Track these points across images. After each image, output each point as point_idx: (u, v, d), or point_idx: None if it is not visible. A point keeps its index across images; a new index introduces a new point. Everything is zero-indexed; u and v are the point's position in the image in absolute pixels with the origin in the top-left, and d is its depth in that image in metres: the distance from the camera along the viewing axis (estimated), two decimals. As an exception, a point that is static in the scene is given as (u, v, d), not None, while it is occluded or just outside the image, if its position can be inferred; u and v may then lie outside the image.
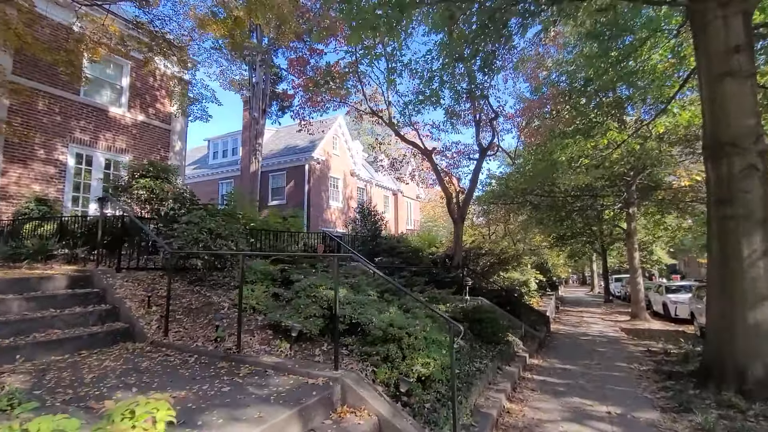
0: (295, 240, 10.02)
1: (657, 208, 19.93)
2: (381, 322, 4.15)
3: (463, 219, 12.49)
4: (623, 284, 29.74)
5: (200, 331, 4.64)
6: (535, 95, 16.00)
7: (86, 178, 11.02)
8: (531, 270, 13.88)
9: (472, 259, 13.35)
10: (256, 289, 5.51)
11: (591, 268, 40.67)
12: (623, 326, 13.84)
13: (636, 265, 15.56)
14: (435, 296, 6.67)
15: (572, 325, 13.76)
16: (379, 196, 28.87)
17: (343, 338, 4.31)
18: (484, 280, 12.93)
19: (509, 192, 18.62)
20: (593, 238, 23.93)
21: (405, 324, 4.18)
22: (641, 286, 15.46)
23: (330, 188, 22.69)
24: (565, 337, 11.22)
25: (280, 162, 21.55)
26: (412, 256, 12.84)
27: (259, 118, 15.33)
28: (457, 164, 16.78)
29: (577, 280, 68.37)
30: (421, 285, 8.23)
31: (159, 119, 13.04)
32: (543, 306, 13.81)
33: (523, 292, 12.49)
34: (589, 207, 18.60)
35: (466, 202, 12.64)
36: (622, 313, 18.27)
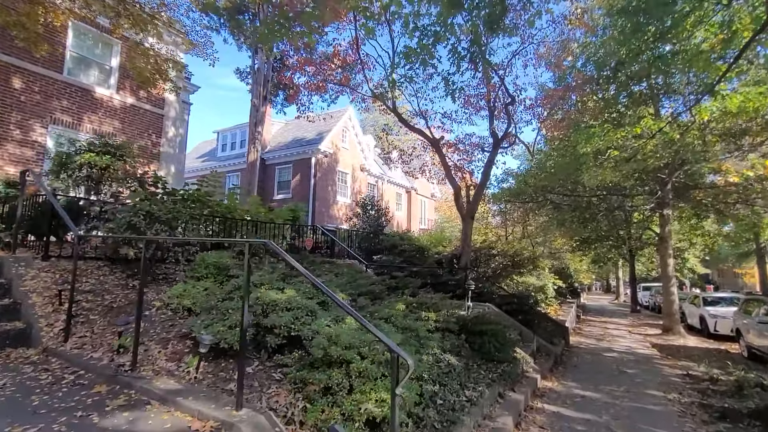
0: (281, 233, 9.02)
1: (694, 211, 18.05)
2: (323, 338, 3.03)
3: (473, 216, 11.23)
4: (652, 293, 27.57)
5: (109, 337, 3.66)
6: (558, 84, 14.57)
7: (67, 161, 10.35)
8: (549, 274, 12.45)
9: (482, 261, 12.06)
10: (199, 285, 4.50)
11: (616, 274, 38.31)
12: (654, 341, 12.24)
13: (670, 272, 13.87)
14: (424, 302, 5.51)
15: (595, 338, 12.26)
16: (392, 193, 27.75)
17: (280, 356, 3.22)
18: (495, 284, 11.63)
19: (528, 190, 17.16)
20: (620, 242, 22.08)
21: (356, 342, 3.05)
22: (675, 296, 13.76)
23: (338, 183, 21.74)
24: (587, 352, 9.80)
25: (287, 154, 20.75)
26: (415, 255, 11.67)
27: (259, 105, 14.49)
28: (470, 158, 15.47)
29: (600, 288, 65.24)
30: (413, 287, 7.07)
31: (151, 103, 12.35)
32: (562, 315, 12.38)
33: (539, 299, 11.12)
34: (617, 208, 16.91)
35: (476, 197, 11.37)
36: (652, 325, 16.50)
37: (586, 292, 48.49)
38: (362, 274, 7.34)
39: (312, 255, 8.59)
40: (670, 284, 13.82)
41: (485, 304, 8.84)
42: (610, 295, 47.17)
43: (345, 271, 6.91)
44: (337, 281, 5.50)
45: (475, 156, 14.74)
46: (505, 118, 12.11)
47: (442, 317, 5.30)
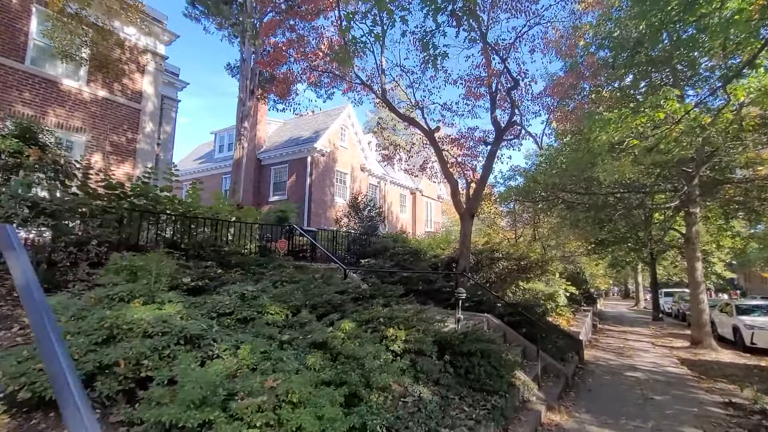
0: (251, 233, 8.00)
1: (722, 210, 16.45)
2: (163, 389, 1.93)
3: (473, 214, 10.03)
4: (675, 299, 25.72)
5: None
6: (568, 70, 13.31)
7: (28, 158, 9.57)
8: (560, 280, 11.12)
9: (485, 265, 10.82)
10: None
11: (636, 279, 36.29)
12: (682, 356, 10.79)
13: (698, 277, 12.37)
14: (395, 315, 4.37)
15: (614, 352, 10.87)
16: (395, 195, 26.65)
17: (129, 410, 2.13)
18: (499, 292, 10.38)
19: (538, 188, 15.85)
20: (640, 244, 20.46)
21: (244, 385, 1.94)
22: (705, 304, 12.25)
23: (336, 183, 20.75)
24: (605, 371, 8.47)
25: (282, 154, 19.87)
26: (409, 258, 10.53)
27: (246, 100, 13.60)
28: (474, 153, 14.26)
29: (618, 293, 62.63)
30: (393, 296, 5.93)
31: (126, 97, 11.55)
32: (575, 325, 11.03)
33: (548, 307, 9.83)
34: (637, 207, 15.44)
35: (477, 193, 10.17)
36: (678, 336, 14.94)
37: (603, 298, 46.31)
38: (333, 279, 6.25)
39: (284, 258, 7.53)
40: (699, 291, 12.32)
41: (484, 315, 7.64)
42: (628, 301, 44.93)
43: (308, 278, 5.82)
44: (282, 290, 4.41)
45: (479, 150, 13.52)
46: (508, 107, 10.92)
47: (415, 336, 4.15)
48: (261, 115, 20.88)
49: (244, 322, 3.20)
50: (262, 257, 7.38)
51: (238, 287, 3.73)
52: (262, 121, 21.04)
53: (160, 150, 15.30)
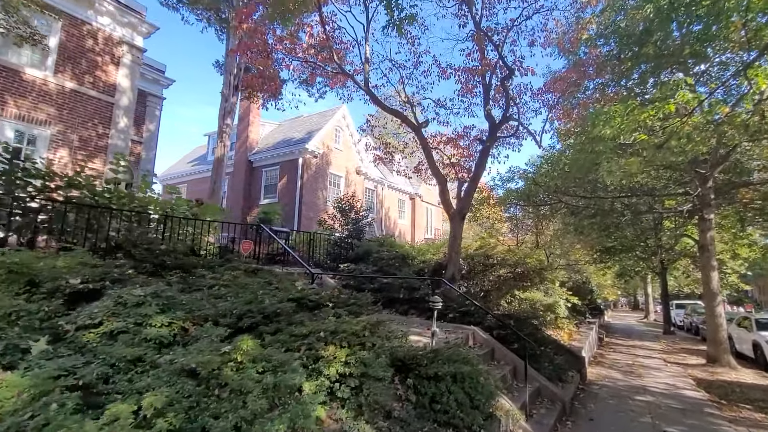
0: (219, 232, 7.19)
1: (738, 216, 15.36)
2: None
3: (464, 215, 9.14)
4: (687, 312, 24.38)
5: None
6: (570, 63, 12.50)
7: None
8: (560, 289, 10.12)
9: (478, 272, 9.89)
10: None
11: (645, 290, 34.86)
12: (698, 375, 9.70)
13: (714, 288, 11.29)
14: (339, 329, 3.48)
15: (621, 370, 9.81)
16: (393, 200, 25.82)
17: None
18: (493, 301, 9.44)
19: (538, 191, 14.93)
20: (649, 253, 19.34)
21: None
22: (723, 318, 11.15)
23: (329, 186, 19.97)
24: (610, 393, 7.45)
25: (274, 155, 19.18)
26: (395, 263, 9.64)
27: (229, 96, 12.93)
28: (470, 153, 13.39)
29: (627, 304, 60.79)
30: (358, 304, 5.05)
31: (98, 89, 10.91)
32: (577, 339, 10.01)
33: (547, 319, 8.84)
34: (646, 211, 14.42)
35: (468, 192, 9.30)
36: (692, 352, 13.78)
37: (611, 309, 44.71)
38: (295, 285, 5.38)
39: (245, 261, 6.70)
40: (715, 303, 11.23)
41: (470, 327, 6.72)
42: (637, 313, 43.35)
43: (260, 283, 4.98)
44: (193, 296, 3.56)
45: (475, 149, 12.65)
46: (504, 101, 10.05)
47: (362, 355, 3.27)
48: (253, 116, 20.29)
49: (112, 337, 2.37)
50: (222, 258, 6.57)
51: (126, 291, 2.90)
52: (255, 123, 20.43)
53: (143, 149, 14.68)
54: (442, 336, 5.96)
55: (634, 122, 8.66)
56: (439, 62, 10.34)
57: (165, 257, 4.84)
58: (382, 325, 4.21)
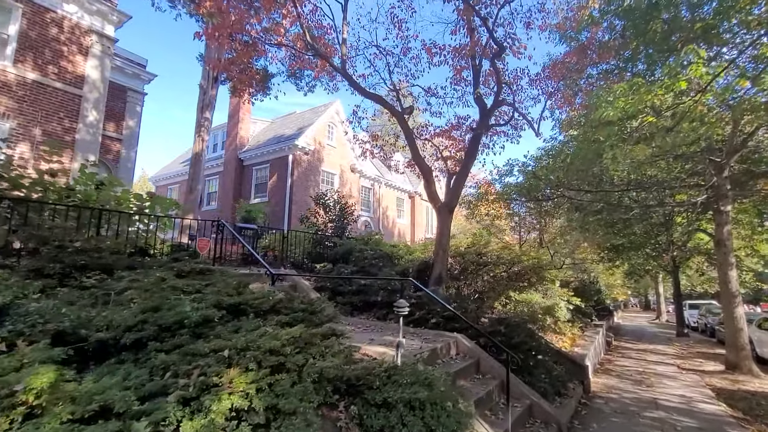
0: (156, 227, 6.43)
1: (757, 210, 14.30)
2: None
3: (452, 209, 8.29)
4: (701, 312, 23.16)
5: None
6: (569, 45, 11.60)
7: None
8: (560, 289, 9.18)
9: (471, 271, 9.02)
10: None
11: (656, 290, 33.55)
12: (717, 384, 8.73)
13: (733, 288, 10.28)
14: (249, 346, 2.69)
15: (630, 379, 8.87)
16: (391, 198, 25.01)
17: None
18: (485, 304, 8.57)
19: (539, 185, 13.98)
20: (659, 250, 18.26)
21: None
22: (743, 320, 10.14)
23: (322, 184, 19.22)
24: (616, 408, 6.55)
25: (263, 153, 18.49)
26: (377, 263, 8.83)
27: (208, 88, 12.24)
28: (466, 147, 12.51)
29: (638, 304, 59.14)
30: (310, 311, 4.25)
31: (64, 81, 10.28)
32: (581, 345, 9.08)
33: (545, 323, 7.94)
34: (657, 204, 13.42)
35: (457, 184, 8.46)
36: (708, 356, 12.74)
37: (621, 310, 43.29)
38: (230, 288, 4.60)
39: (198, 261, 5.93)
40: (734, 304, 10.22)
41: (453, 335, 5.87)
42: (649, 313, 41.95)
43: (194, 286, 4.21)
44: (88, 302, 2.79)
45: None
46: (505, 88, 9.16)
47: (273, 382, 2.46)
48: (243, 113, 19.64)
49: None
50: (171, 258, 5.81)
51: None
52: (245, 120, 19.78)
53: (122, 146, 14.05)
54: (417, 346, 5.13)
55: (640, 102, 7.75)
56: (425, 43, 9.51)
57: (80, 257, 4.08)
58: (329, 338, 3.41)
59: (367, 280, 7.31)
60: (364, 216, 22.12)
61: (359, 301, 7.18)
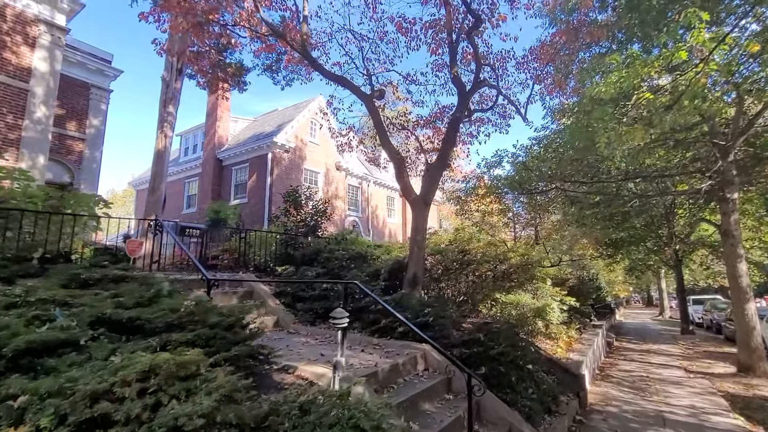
0: (73, 228, 5.55)
1: (763, 199, 13.42)
2: None
3: (428, 202, 7.41)
4: (706, 308, 22.25)
5: None
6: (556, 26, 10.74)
7: None
8: (552, 289, 8.28)
9: (453, 271, 8.13)
10: None
11: (659, 285, 32.64)
12: (730, 389, 7.84)
13: (743, 282, 9.39)
14: (11, 395, 1.81)
15: (632, 387, 7.98)
16: (381, 197, 24.12)
17: None
18: (468, 306, 7.69)
19: (531, 177, 13.11)
20: (661, 244, 17.37)
21: None
22: (755, 318, 9.24)
23: (305, 184, 18.33)
24: (615, 427, 5.66)
25: (243, 152, 17.62)
26: (349, 264, 7.96)
27: (171, 81, 11.38)
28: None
29: (641, 300, 58.18)
30: (206, 324, 3.37)
31: (7, 74, 9.41)
32: (578, 350, 8.18)
33: (535, 328, 7.05)
34: (658, 194, 12.55)
35: (433, 174, 7.58)
36: (717, 356, 11.84)
37: (623, 306, 42.30)
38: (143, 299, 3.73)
39: (122, 267, 5.06)
40: (745, 299, 9.33)
41: (421, 346, 4.98)
42: (652, 309, 41.02)
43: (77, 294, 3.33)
44: None
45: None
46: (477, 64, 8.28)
47: None
48: (221, 111, 18.78)
49: None
50: (90, 263, 4.93)
51: None
52: (223, 118, 18.91)
53: (86, 146, 13.18)
54: (372, 363, 4.24)
55: (635, 76, 6.88)
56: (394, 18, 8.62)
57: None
58: (242, 360, 2.52)
59: (324, 282, 6.44)
60: (352, 216, 21.24)
61: (321, 308, 6.29)
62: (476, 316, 7.83)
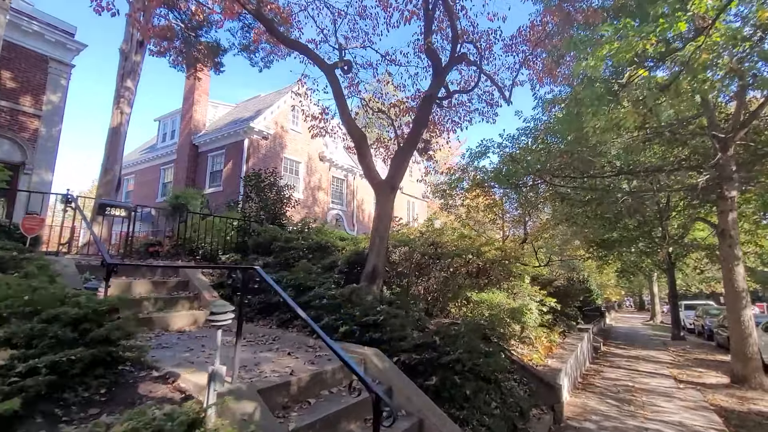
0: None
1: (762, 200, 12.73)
2: None
3: (394, 186, 6.60)
4: (698, 313, 21.63)
5: None
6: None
7: None
8: (533, 288, 7.45)
9: (425, 266, 7.32)
10: None
11: (651, 289, 32.05)
12: (724, 404, 7.11)
13: (740, 286, 8.66)
14: None
15: (616, 399, 7.22)
16: (368, 191, 23.24)
17: None
18: (438, 305, 6.90)
19: (518, 170, 12.31)
20: (654, 246, 16.66)
21: None
22: (752, 325, 8.51)
23: (285, 174, 17.48)
24: (594, 445, 4.87)
25: (219, 138, 16.72)
26: (307, 255, 7.13)
27: (130, 52, 10.48)
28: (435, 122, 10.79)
29: (633, 304, 57.76)
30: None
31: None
32: (558, 357, 7.40)
33: (510, 331, 6.25)
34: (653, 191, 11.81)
35: (403, 155, 6.77)
36: (709, 364, 11.14)
37: (615, 310, 41.76)
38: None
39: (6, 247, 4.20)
40: (741, 305, 8.59)
41: (363, 351, 4.17)
42: (643, 314, 40.50)
43: None
44: None
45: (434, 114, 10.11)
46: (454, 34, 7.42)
47: None
48: (199, 95, 17.85)
49: None
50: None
51: None
52: (201, 102, 17.99)
53: (42, 123, 12.22)
54: (287, 371, 3.42)
55: (628, 49, 6.08)
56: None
57: None
58: None
59: (222, 268, 5.64)
60: (335, 209, 20.42)
61: (259, 302, 5.47)
62: (446, 317, 7.04)
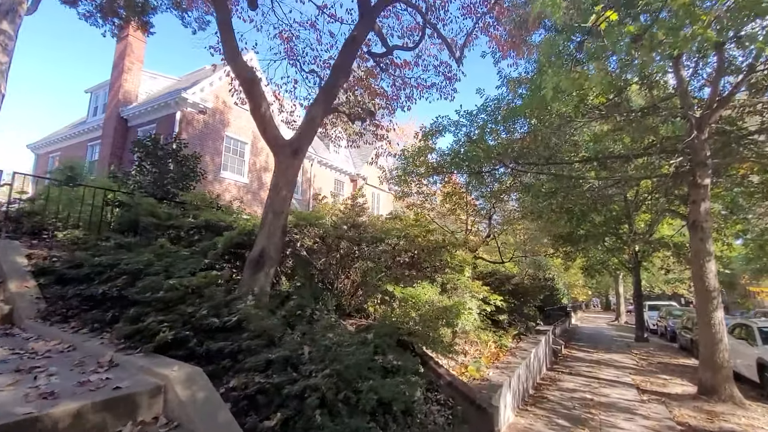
0: None
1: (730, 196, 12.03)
2: None
3: (297, 150, 5.11)
4: (661, 314, 21.24)
5: None
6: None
7: None
8: (473, 283, 6.11)
9: (346, 255, 5.85)
10: None
11: (616, 289, 31.91)
12: (692, 421, 6.03)
13: (711, 285, 7.64)
14: None
15: (568, 416, 6.01)
16: (327, 181, 21.70)
17: None
18: (357, 301, 5.47)
19: (478, 153, 11.06)
20: (621, 243, 15.90)
21: None
22: (723, 329, 7.50)
23: (226, 154, 15.66)
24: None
25: (149, 110, 14.72)
26: (194, 235, 5.54)
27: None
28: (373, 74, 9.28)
29: (600, 305, 58.52)
30: None
31: None
32: (504, 367, 6.12)
33: (437, 335, 4.88)
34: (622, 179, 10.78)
35: (314, 112, 5.29)
36: (673, 370, 10.24)
37: (582, 310, 41.79)
38: None
39: None
40: (712, 306, 7.57)
41: (167, 372, 2.63)
42: (609, 314, 40.67)
43: None
44: None
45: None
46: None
47: None
48: (131, 62, 15.75)
49: None
50: None
51: None
52: (132, 71, 15.88)
53: None
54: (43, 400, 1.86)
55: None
56: None
57: None
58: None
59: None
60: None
61: (74, 294, 3.87)
62: (365, 317, 5.62)
